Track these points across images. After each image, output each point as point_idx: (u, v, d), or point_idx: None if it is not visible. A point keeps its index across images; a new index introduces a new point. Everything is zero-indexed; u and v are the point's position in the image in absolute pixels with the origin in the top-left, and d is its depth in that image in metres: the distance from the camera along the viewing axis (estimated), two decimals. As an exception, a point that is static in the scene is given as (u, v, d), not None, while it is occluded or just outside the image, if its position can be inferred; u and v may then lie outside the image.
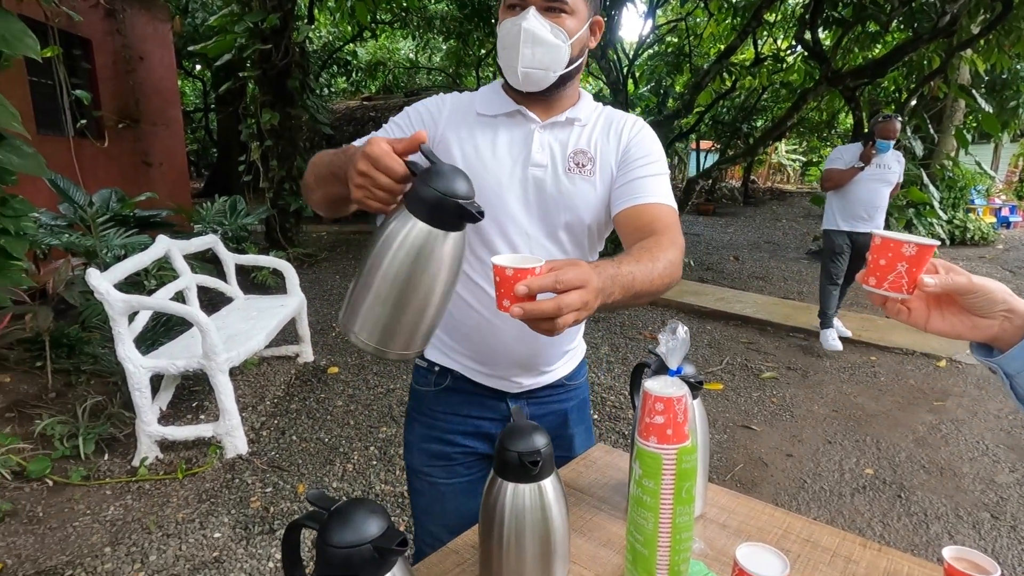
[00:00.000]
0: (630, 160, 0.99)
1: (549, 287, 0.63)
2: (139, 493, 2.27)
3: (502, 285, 0.66)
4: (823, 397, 3.32)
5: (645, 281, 0.78)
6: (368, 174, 0.68)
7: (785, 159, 19.54)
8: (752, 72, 9.64)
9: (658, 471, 0.64)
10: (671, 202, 0.97)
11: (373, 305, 0.70)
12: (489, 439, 1.11)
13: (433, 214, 0.67)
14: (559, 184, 0.98)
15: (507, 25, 0.91)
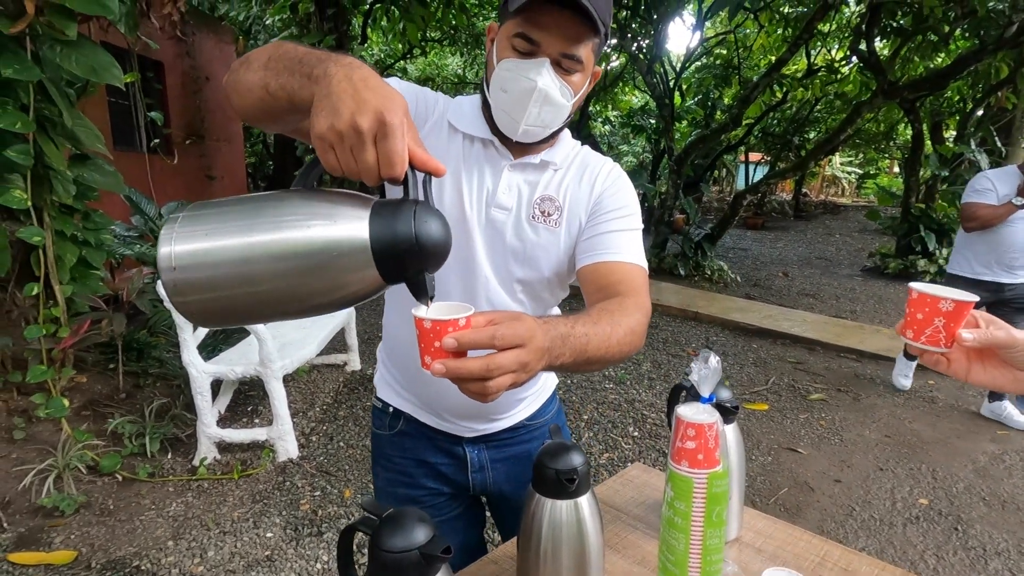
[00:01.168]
0: (602, 211, 0.92)
1: (485, 343, 0.55)
2: (199, 491, 2.41)
3: (422, 339, 0.57)
4: (875, 422, 3.20)
5: (601, 347, 0.70)
6: (363, 136, 0.52)
7: (840, 172, 18.90)
8: (804, 84, 9.41)
9: (689, 494, 0.67)
10: (642, 262, 0.90)
11: (233, 238, 0.55)
12: (450, 481, 1.08)
13: (392, 250, 0.55)
14: (520, 232, 0.91)
15: (514, 71, 0.82)
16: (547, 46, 0.80)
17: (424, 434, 1.06)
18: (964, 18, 5.14)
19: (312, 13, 6.47)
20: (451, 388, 0.95)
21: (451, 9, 6.99)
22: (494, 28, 0.88)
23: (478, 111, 0.93)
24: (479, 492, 1.12)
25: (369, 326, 4.73)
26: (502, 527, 1.18)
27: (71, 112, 2.43)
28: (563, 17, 0.78)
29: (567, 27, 0.79)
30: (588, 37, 0.81)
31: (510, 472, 1.09)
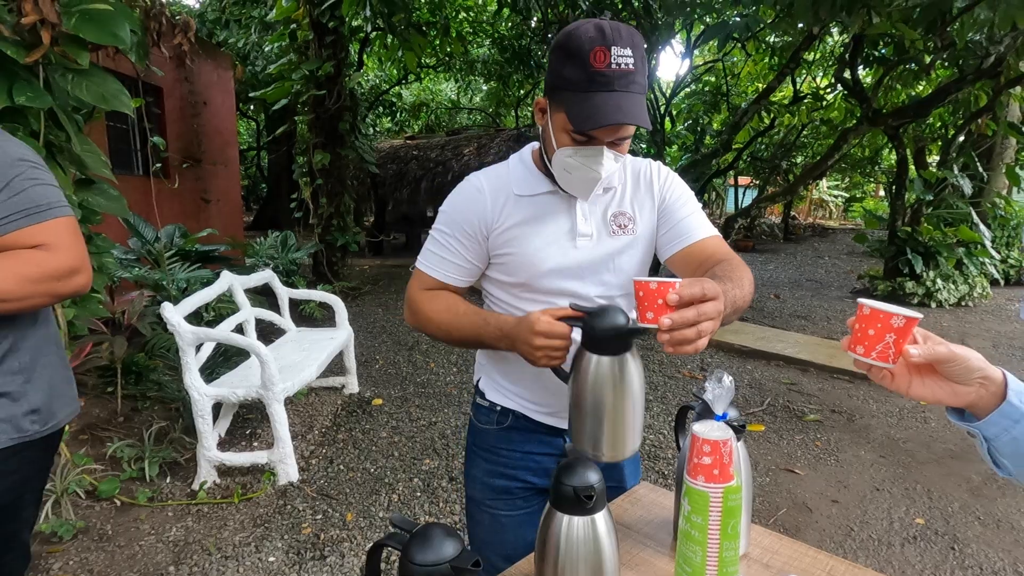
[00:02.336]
0: (669, 206, 1.07)
1: (699, 295, 0.70)
2: (198, 515, 2.39)
3: (645, 299, 0.74)
4: (870, 442, 3.24)
5: (741, 298, 0.87)
6: (548, 345, 0.87)
7: (827, 195, 19.24)
8: (791, 110, 9.66)
9: (706, 508, 0.70)
10: (715, 231, 1.06)
11: (602, 431, 0.87)
12: (547, 473, 1.17)
13: (611, 346, 0.84)
14: (605, 247, 1.06)
15: (576, 160, 0.95)
16: (603, 136, 0.94)
17: (529, 428, 1.17)
18: (943, 50, 5.34)
19: (311, 41, 6.60)
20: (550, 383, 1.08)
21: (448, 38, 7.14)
22: (543, 103, 0.99)
23: (534, 169, 1.07)
24: None
25: (367, 348, 4.74)
26: None
27: (79, 137, 2.47)
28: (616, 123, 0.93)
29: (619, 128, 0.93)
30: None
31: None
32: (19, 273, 1.00)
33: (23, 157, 1.04)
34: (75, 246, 1.08)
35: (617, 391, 0.86)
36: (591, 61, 0.86)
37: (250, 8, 7.92)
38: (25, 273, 1.00)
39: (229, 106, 8.39)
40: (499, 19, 9.36)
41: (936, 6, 3.68)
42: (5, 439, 1.04)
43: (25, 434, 1.07)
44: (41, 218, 1.03)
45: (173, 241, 4.97)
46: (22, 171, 1.03)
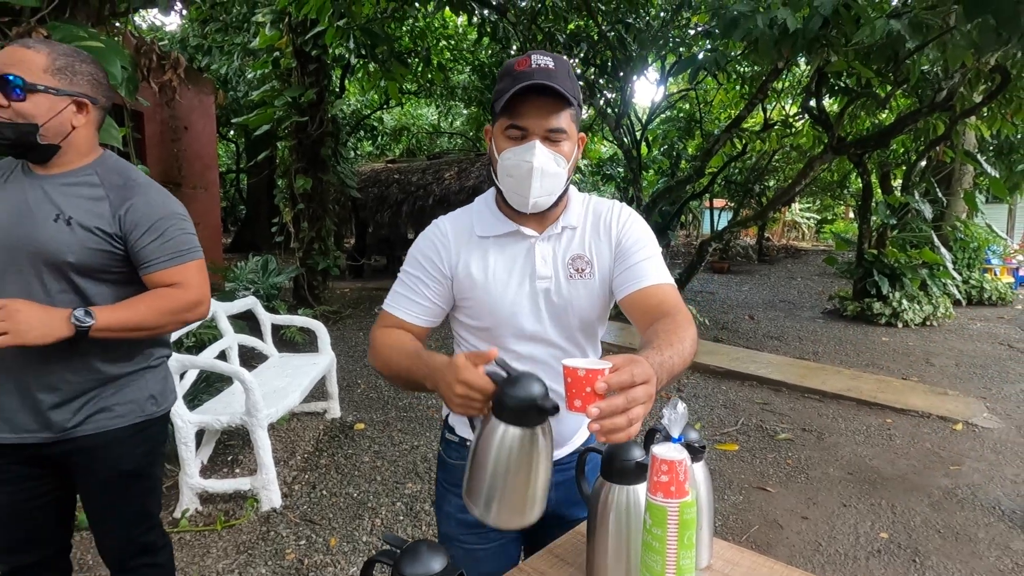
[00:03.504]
0: (625, 249, 1.08)
1: (627, 382, 0.69)
2: (180, 544, 2.40)
3: (574, 386, 0.72)
4: (838, 459, 3.37)
5: (680, 363, 0.88)
6: (468, 395, 0.84)
7: (799, 217, 19.80)
8: (761, 137, 10.02)
9: (664, 521, 0.79)
10: (671, 280, 1.07)
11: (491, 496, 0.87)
12: None
13: (520, 417, 0.82)
14: (561, 291, 1.08)
15: (513, 158, 0.99)
16: (533, 128, 0.99)
17: None
18: (899, 84, 5.65)
19: (294, 68, 6.71)
20: None
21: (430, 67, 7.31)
22: (489, 130, 1.07)
23: (495, 209, 1.12)
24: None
25: (348, 373, 4.76)
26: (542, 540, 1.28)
27: (67, 169, 2.52)
28: (539, 101, 0.98)
29: (543, 108, 0.98)
30: (563, 109, 1.00)
31: (568, 493, 1.21)
32: (159, 308, 1.30)
33: (176, 212, 1.35)
34: (202, 284, 1.38)
35: (518, 465, 0.84)
36: (515, 68, 0.98)
37: (233, 35, 8.02)
38: (163, 307, 1.30)
39: (210, 131, 8.42)
40: (479, 47, 9.61)
41: (890, 46, 3.93)
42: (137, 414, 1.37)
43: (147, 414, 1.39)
44: (181, 261, 1.33)
45: (153, 266, 4.96)
46: (175, 223, 1.33)
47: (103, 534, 1.44)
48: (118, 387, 1.34)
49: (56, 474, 1.37)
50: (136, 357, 1.37)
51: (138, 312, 1.27)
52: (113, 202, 1.27)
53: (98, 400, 1.32)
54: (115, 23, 2.79)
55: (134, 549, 1.45)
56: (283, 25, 6.38)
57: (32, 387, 1.27)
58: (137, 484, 1.40)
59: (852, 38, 3.72)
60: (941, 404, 4.15)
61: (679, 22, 6.87)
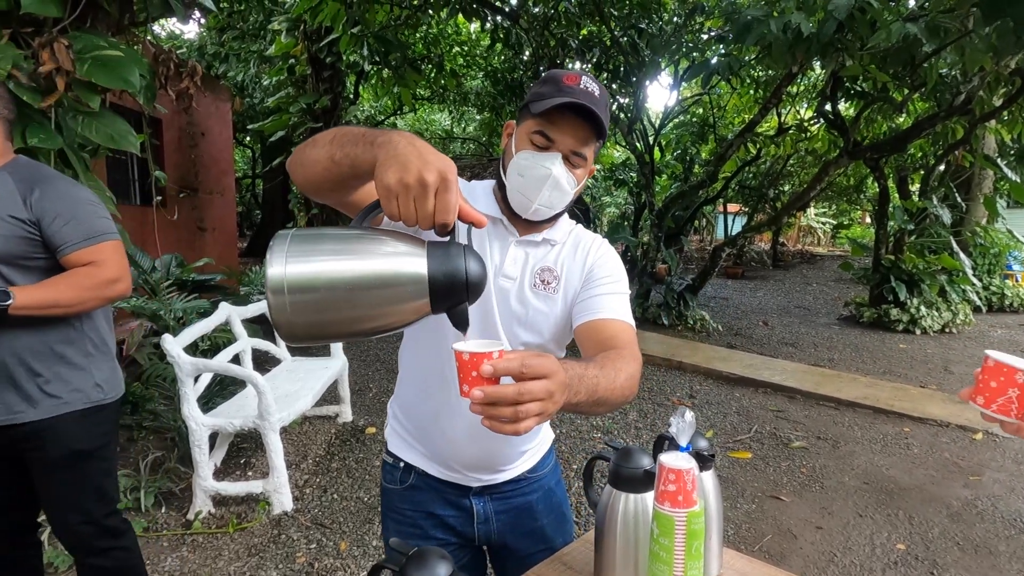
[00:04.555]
0: (593, 278, 1.05)
1: (514, 371, 0.62)
2: (193, 546, 2.42)
3: (461, 370, 0.65)
4: (854, 468, 3.31)
5: (608, 388, 0.79)
6: (427, 188, 0.64)
7: (815, 222, 19.59)
8: (776, 141, 9.94)
9: (671, 530, 0.78)
10: (630, 320, 1.03)
11: (321, 265, 0.65)
12: (457, 533, 1.17)
13: (442, 284, 0.66)
14: (523, 299, 1.04)
15: (532, 160, 0.97)
16: (560, 143, 0.97)
17: (433, 487, 1.15)
18: (916, 88, 5.58)
19: (308, 75, 6.80)
20: (462, 438, 1.08)
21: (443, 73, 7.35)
22: (512, 126, 1.06)
23: (490, 194, 1.09)
24: (483, 543, 1.21)
25: (360, 377, 4.79)
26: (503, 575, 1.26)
27: (87, 175, 2.57)
28: (576, 122, 0.96)
29: (578, 131, 0.97)
30: (593, 140, 1.00)
31: (513, 523, 1.18)
32: (76, 284, 1.38)
33: (86, 198, 1.46)
34: (118, 262, 1.46)
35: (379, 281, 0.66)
36: (563, 80, 0.96)
37: (249, 43, 8.14)
38: (80, 284, 1.39)
39: (227, 137, 8.54)
40: (492, 53, 9.65)
41: (906, 50, 3.88)
42: (81, 400, 1.46)
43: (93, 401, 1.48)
44: (95, 241, 1.42)
45: (170, 271, 5.04)
46: (85, 207, 1.43)
47: (61, 515, 1.52)
48: (65, 375, 1.44)
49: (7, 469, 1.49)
50: (80, 346, 1.47)
51: (56, 290, 1.36)
52: (23, 191, 1.37)
53: (47, 386, 1.42)
54: (134, 32, 2.85)
55: (97, 531, 1.54)
56: (298, 33, 6.47)
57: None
58: (90, 463, 1.50)
59: (868, 42, 3.69)
60: (960, 413, 4.07)
61: (692, 27, 6.85)
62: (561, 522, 1.24)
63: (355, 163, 0.74)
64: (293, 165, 0.85)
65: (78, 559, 1.57)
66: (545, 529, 1.20)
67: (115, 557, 1.57)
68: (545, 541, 1.20)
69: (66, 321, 1.45)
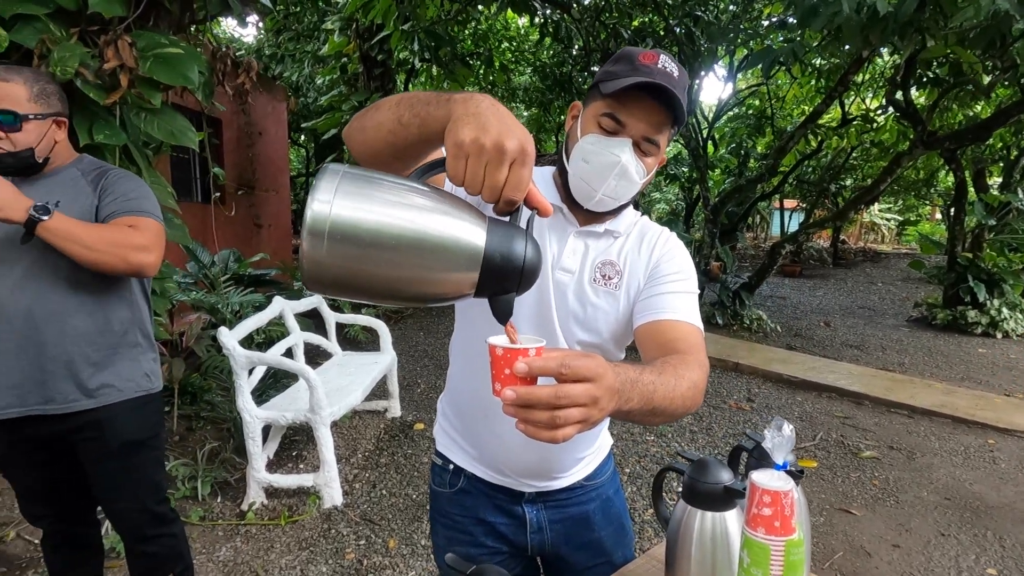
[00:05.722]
0: (660, 274, 0.96)
1: (552, 371, 0.55)
2: (247, 536, 2.45)
3: (494, 366, 0.60)
4: (933, 483, 3.06)
5: (666, 397, 0.71)
6: (505, 155, 0.57)
7: (879, 218, 18.59)
8: (839, 133, 9.43)
9: (766, 561, 0.68)
10: (698, 323, 0.93)
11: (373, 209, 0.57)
12: (509, 541, 1.10)
13: (497, 264, 0.59)
14: (582, 294, 0.96)
15: (598, 146, 0.88)
16: (631, 128, 0.88)
17: (483, 492, 1.08)
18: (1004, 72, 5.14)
19: (360, 73, 6.88)
20: (513, 441, 1.01)
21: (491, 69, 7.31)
22: (578, 106, 0.96)
23: (548, 181, 1.01)
24: (536, 553, 1.13)
25: (409, 372, 4.80)
26: None
27: (150, 171, 2.63)
28: (650, 105, 0.86)
29: (652, 114, 0.87)
30: (667, 126, 0.89)
31: (568, 533, 1.10)
32: (106, 235, 1.33)
33: (146, 193, 1.47)
34: (154, 238, 1.41)
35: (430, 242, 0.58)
36: (639, 58, 0.86)
37: (304, 43, 8.33)
38: (110, 236, 1.33)
39: (282, 136, 8.78)
40: (541, 48, 9.54)
41: (995, 27, 3.55)
42: (135, 389, 1.49)
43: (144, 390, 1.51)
44: (140, 214, 1.41)
45: (228, 265, 5.19)
46: (143, 195, 1.46)
47: (116, 504, 1.55)
48: (118, 365, 1.46)
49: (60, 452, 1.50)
50: (132, 333, 1.50)
51: (87, 230, 1.32)
52: (92, 180, 1.43)
53: (100, 375, 1.43)
54: (195, 30, 2.90)
55: (149, 518, 1.57)
56: (350, 31, 6.55)
57: (40, 363, 1.37)
58: (143, 453, 1.53)
59: (951, 20, 3.39)
60: (1053, 425, 3.72)
61: (751, 14, 6.55)
62: (621, 534, 1.16)
63: (425, 122, 0.66)
64: (351, 132, 0.78)
65: (128, 545, 1.61)
66: (603, 541, 1.12)
67: (163, 544, 1.60)
68: (604, 554, 1.12)
69: (118, 311, 1.46)
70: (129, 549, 1.61)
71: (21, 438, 1.42)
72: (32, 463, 1.49)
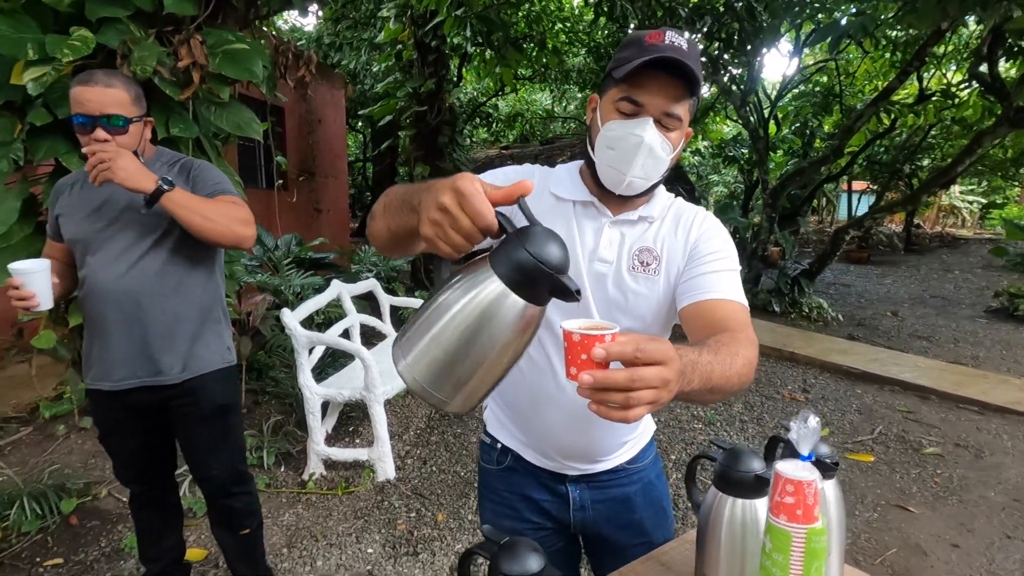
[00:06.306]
0: (699, 255, 0.97)
1: (629, 356, 0.57)
2: (307, 504, 2.63)
3: (570, 352, 0.61)
4: (1002, 483, 2.91)
5: (723, 375, 0.73)
6: (450, 210, 0.61)
7: (959, 201, 17.31)
8: (915, 110, 8.82)
9: (787, 547, 0.71)
10: (743, 300, 0.94)
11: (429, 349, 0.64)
12: (552, 518, 1.15)
13: (522, 281, 0.61)
14: (621, 283, 0.98)
15: (620, 130, 0.91)
16: (650, 107, 0.90)
17: (529, 471, 1.14)
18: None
19: (415, 60, 6.98)
20: (560, 427, 1.05)
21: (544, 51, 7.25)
22: (595, 99, 0.99)
23: (576, 177, 1.04)
24: (578, 530, 1.18)
25: (459, 354, 4.92)
26: (597, 567, 1.23)
27: (219, 161, 2.81)
28: (664, 80, 0.89)
29: (668, 89, 0.90)
30: (685, 97, 0.91)
31: (610, 513, 1.15)
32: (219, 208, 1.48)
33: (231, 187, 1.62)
34: (251, 215, 1.57)
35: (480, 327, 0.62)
36: (646, 39, 0.89)
37: (361, 31, 8.50)
38: (223, 210, 1.48)
39: (340, 122, 9.06)
40: (595, 28, 9.37)
41: (1094, -7, 3.25)
42: (220, 361, 1.66)
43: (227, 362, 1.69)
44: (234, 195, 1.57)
45: (290, 249, 5.45)
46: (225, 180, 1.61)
47: (206, 462, 1.72)
48: (204, 337, 1.62)
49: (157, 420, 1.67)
50: (215, 310, 1.66)
51: (204, 203, 1.47)
52: (179, 171, 1.56)
53: (194, 348, 1.60)
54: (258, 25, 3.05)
55: (234, 476, 1.76)
56: (405, 18, 6.64)
57: (146, 339, 1.54)
58: (229, 417, 1.71)
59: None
60: None
61: (818, -15, 6.19)
62: (661, 517, 1.19)
63: (408, 229, 0.75)
64: (368, 234, 0.91)
65: (212, 502, 1.79)
66: (644, 523, 1.16)
67: (242, 500, 1.79)
68: (644, 535, 1.16)
69: (206, 291, 1.63)
70: (212, 504, 1.79)
71: (125, 406, 1.60)
72: (130, 431, 1.67)
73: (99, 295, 1.50)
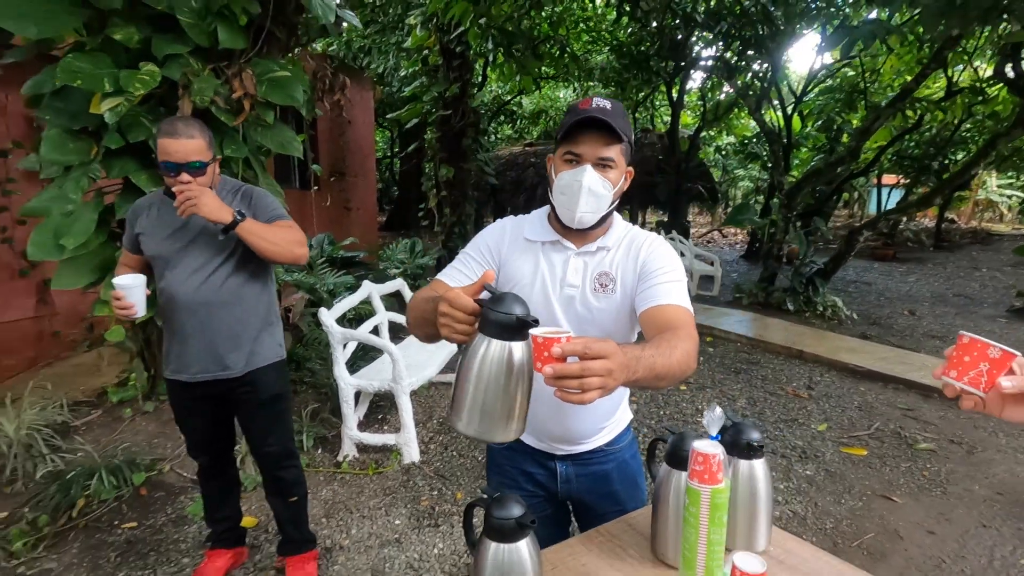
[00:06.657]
0: (649, 272, 1.20)
1: (578, 352, 0.77)
2: (342, 482, 2.96)
3: (536, 351, 0.82)
4: (988, 477, 3.08)
5: (664, 366, 0.93)
6: (449, 314, 0.89)
7: (996, 195, 16.84)
8: (942, 107, 8.73)
9: (698, 502, 0.97)
10: (686, 304, 1.16)
11: (472, 407, 0.88)
12: (544, 487, 1.42)
13: (501, 331, 0.85)
14: (586, 302, 1.23)
15: (567, 178, 1.18)
16: (586, 156, 1.18)
17: (526, 451, 1.42)
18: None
19: (440, 65, 7.27)
20: (544, 416, 1.34)
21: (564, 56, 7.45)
22: (552, 157, 1.27)
23: (544, 221, 1.31)
24: (565, 498, 1.46)
25: (480, 349, 5.21)
26: (581, 528, 1.51)
27: (264, 176, 3.14)
28: (595, 135, 1.17)
29: (597, 140, 1.17)
30: (613, 144, 1.19)
31: (591, 486, 1.42)
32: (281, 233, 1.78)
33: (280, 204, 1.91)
34: (304, 236, 1.86)
35: (498, 377, 0.86)
36: (579, 106, 1.18)
37: (388, 36, 8.81)
38: (284, 234, 1.78)
39: (369, 123, 9.40)
40: (618, 27, 9.51)
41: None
42: (274, 356, 1.98)
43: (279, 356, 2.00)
44: (287, 218, 1.86)
45: (323, 248, 5.82)
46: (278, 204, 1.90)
47: (265, 440, 2.03)
48: (262, 337, 1.93)
49: (222, 406, 2.00)
50: (270, 314, 1.97)
51: (268, 229, 1.75)
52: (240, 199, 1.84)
53: (254, 346, 1.91)
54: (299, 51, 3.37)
55: (286, 452, 2.08)
56: (431, 26, 6.93)
57: (216, 340, 1.85)
58: (282, 403, 2.03)
59: (1041, 3, 3.24)
60: None
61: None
62: (634, 489, 1.44)
63: (430, 334, 1.09)
64: (408, 326, 1.22)
65: (267, 474, 2.12)
66: (619, 494, 1.41)
67: (292, 473, 2.12)
68: (619, 503, 1.42)
69: (263, 299, 1.93)
70: (267, 476, 2.12)
71: (197, 396, 1.93)
72: (200, 414, 1.99)
73: (177, 304, 1.82)
